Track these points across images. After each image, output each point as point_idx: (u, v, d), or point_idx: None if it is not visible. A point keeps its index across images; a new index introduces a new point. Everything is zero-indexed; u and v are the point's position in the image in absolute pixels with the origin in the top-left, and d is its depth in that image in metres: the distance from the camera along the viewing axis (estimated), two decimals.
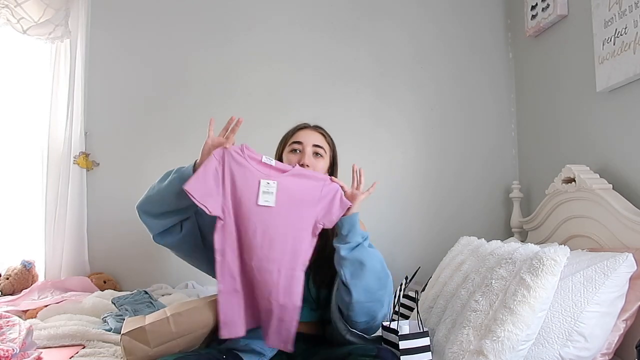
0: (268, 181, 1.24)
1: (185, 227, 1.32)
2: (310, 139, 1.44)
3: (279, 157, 1.45)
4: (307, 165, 1.38)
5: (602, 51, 1.83)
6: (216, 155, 1.25)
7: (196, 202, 1.19)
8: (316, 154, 1.43)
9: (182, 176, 1.23)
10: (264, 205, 1.22)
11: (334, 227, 1.29)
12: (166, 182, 1.26)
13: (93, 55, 2.43)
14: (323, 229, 1.27)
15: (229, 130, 1.28)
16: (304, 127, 1.49)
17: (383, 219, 2.48)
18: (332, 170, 1.50)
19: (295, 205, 1.25)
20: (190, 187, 1.19)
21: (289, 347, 1.22)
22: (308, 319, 1.33)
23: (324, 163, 1.45)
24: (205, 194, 1.20)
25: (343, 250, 1.24)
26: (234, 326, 1.21)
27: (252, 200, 1.23)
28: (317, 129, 1.49)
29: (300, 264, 1.23)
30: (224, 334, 1.20)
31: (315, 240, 1.25)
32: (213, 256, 1.24)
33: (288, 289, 1.21)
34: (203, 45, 2.51)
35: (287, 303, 1.20)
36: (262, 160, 1.28)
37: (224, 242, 1.21)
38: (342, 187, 1.31)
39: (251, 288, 1.23)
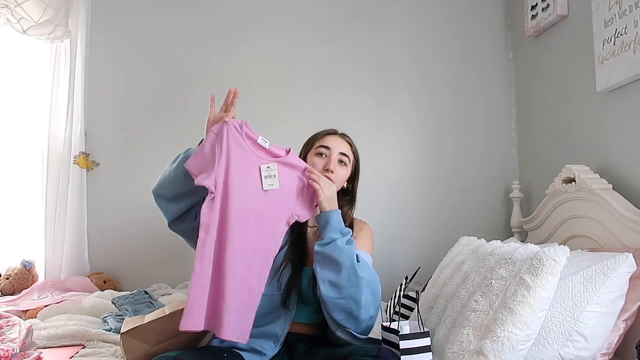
0: (268, 165, 1.25)
1: (199, 215, 1.32)
2: (337, 146, 1.46)
3: (304, 158, 1.47)
4: (332, 171, 1.41)
5: (602, 51, 1.83)
6: (214, 130, 1.26)
7: (194, 177, 1.21)
8: (341, 161, 1.45)
9: (188, 155, 1.27)
10: (269, 189, 1.25)
11: (347, 226, 1.34)
12: (175, 163, 1.30)
13: (93, 55, 2.43)
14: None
15: (228, 104, 1.30)
16: (332, 132, 1.51)
17: (383, 219, 2.48)
18: (354, 179, 1.52)
19: (282, 192, 1.26)
20: (189, 163, 1.22)
21: (246, 338, 1.18)
22: (310, 320, 1.33)
23: (347, 172, 1.47)
24: (201, 167, 1.22)
25: (316, 244, 1.25)
26: (197, 318, 1.13)
27: (251, 184, 1.24)
28: (345, 137, 1.51)
29: (273, 251, 1.24)
30: (185, 324, 1.11)
31: (286, 230, 1.27)
32: None
33: (260, 274, 1.21)
34: (203, 45, 2.51)
35: (254, 287, 1.19)
36: (258, 141, 1.28)
37: (210, 217, 1.19)
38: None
39: (219, 274, 1.17)
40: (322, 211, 1.28)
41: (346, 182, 1.49)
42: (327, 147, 1.44)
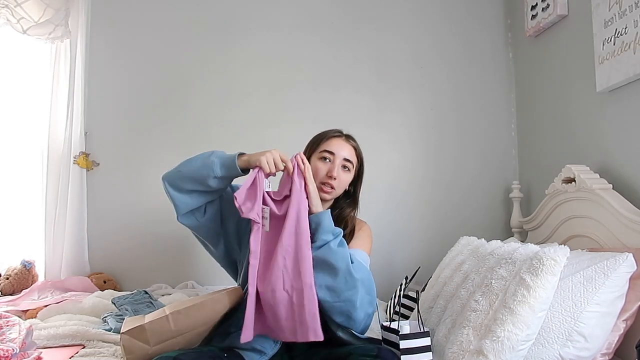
0: (264, 207, 1.27)
1: (208, 211, 1.34)
2: (342, 151, 1.46)
3: (308, 158, 1.46)
4: (335, 178, 1.41)
5: (602, 51, 1.83)
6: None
7: (238, 205, 1.23)
8: (344, 166, 1.46)
9: (224, 162, 1.28)
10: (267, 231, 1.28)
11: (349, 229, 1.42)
12: (201, 162, 1.30)
13: (93, 55, 2.43)
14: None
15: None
16: (338, 135, 1.50)
17: (383, 219, 2.48)
18: (356, 182, 1.52)
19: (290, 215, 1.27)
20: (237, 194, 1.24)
21: (319, 335, 1.18)
22: None
23: (350, 176, 1.48)
24: (247, 199, 1.25)
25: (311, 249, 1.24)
26: (250, 330, 1.21)
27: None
28: (350, 140, 1.51)
29: (305, 243, 1.23)
30: (244, 338, 1.19)
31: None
32: (229, 244, 1.38)
33: (297, 271, 1.22)
34: (203, 45, 2.51)
35: (299, 285, 1.20)
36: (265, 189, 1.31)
37: (256, 244, 1.24)
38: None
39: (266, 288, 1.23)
40: (311, 213, 1.27)
41: (348, 185, 1.49)
42: (331, 152, 1.44)
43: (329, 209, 1.29)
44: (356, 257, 1.31)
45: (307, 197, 1.29)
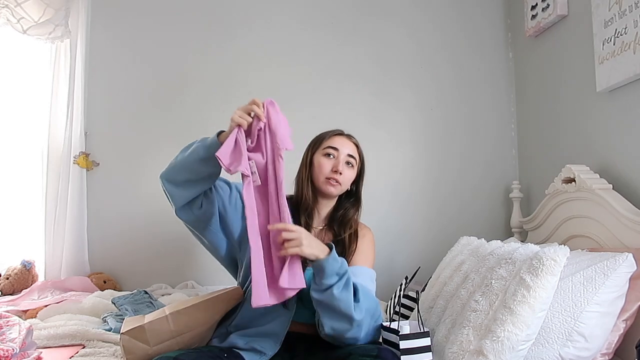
0: (250, 162, 1.26)
1: (205, 205, 1.34)
2: (345, 147, 1.47)
3: (310, 157, 1.47)
4: (340, 173, 1.42)
5: (602, 51, 1.83)
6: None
7: (220, 162, 1.21)
8: (348, 163, 1.46)
9: (205, 144, 1.28)
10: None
11: (346, 232, 1.43)
12: (189, 150, 1.30)
13: (93, 55, 2.43)
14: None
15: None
16: (339, 133, 1.52)
17: (383, 219, 2.48)
18: (358, 181, 1.52)
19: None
20: (219, 153, 1.23)
21: (302, 283, 1.20)
22: (310, 320, 1.33)
23: (353, 173, 1.48)
24: (233, 160, 1.24)
25: (312, 290, 1.22)
26: (264, 294, 1.16)
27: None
28: (352, 138, 1.52)
29: (278, 189, 1.26)
30: (256, 300, 1.14)
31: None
32: (229, 243, 1.38)
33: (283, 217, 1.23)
34: (203, 45, 2.51)
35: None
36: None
37: (250, 199, 1.23)
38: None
39: (268, 247, 1.23)
40: (314, 261, 1.21)
41: (350, 184, 1.49)
42: (335, 149, 1.45)
43: (333, 246, 1.23)
44: (360, 277, 1.30)
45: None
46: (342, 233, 1.45)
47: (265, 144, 1.28)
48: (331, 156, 1.45)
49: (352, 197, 1.52)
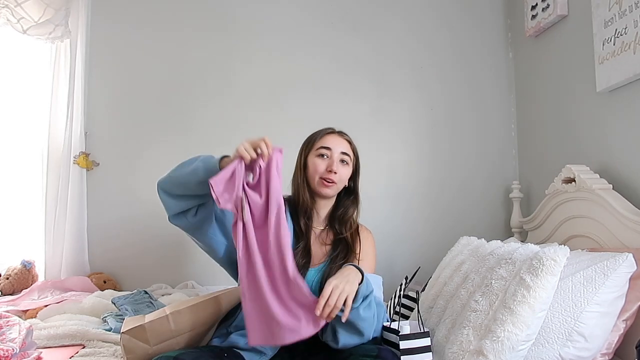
0: (244, 196, 1.22)
1: (200, 213, 1.33)
2: (338, 146, 1.46)
3: (304, 159, 1.47)
4: (335, 172, 1.41)
5: (602, 51, 1.83)
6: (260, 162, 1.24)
7: (213, 194, 1.19)
8: (342, 161, 1.46)
9: (208, 166, 1.24)
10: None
11: (347, 231, 1.42)
12: (190, 168, 1.27)
13: (93, 55, 2.43)
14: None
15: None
16: (331, 132, 1.50)
17: (383, 219, 2.48)
18: (355, 177, 1.52)
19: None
20: (213, 181, 1.20)
21: (318, 325, 1.16)
22: None
23: (349, 170, 1.48)
24: (225, 190, 1.20)
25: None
26: (261, 331, 1.16)
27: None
28: (344, 135, 1.51)
29: (285, 243, 1.20)
30: (251, 341, 1.17)
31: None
32: (227, 242, 1.36)
33: (282, 266, 1.19)
34: (203, 46, 2.51)
35: (285, 279, 1.17)
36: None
37: (240, 238, 1.20)
38: None
39: (259, 287, 1.19)
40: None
41: (348, 180, 1.50)
42: (328, 148, 1.45)
43: (364, 273, 1.22)
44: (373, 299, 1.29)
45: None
46: (343, 232, 1.45)
47: (262, 187, 1.24)
48: (325, 156, 1.44)
49: (350, 194, 1.52)
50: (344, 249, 1.40)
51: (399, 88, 2.59)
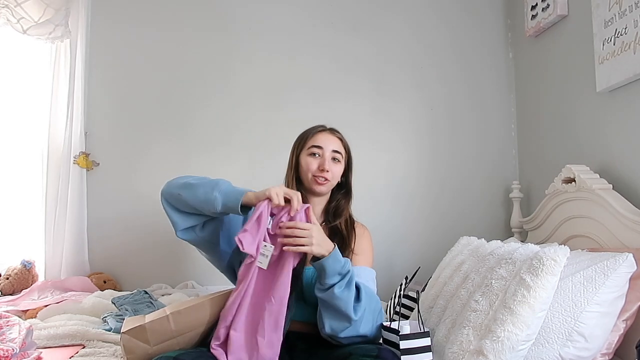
0: (265, 244, 1.22)
1: (208, 227, 1.34)
2: (329, 144, 1.46)
3: (296, 158, 1.47)
4: (327, 170, 1.42)
5: (602, 51, 1.83)
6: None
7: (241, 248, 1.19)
8: (334, 158, 1.46)
9: (227, 203, 1.23)
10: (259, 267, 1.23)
11: (342, 236, 1.41)
12: (205, 196, 1.25)
13: (93, 55, 2.43)
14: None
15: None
16: (322, 130, 1.51)
17: (383, 218, 2.48)
18: (347, 172, 1.52)
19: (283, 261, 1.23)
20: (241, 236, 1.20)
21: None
22: (310, 319, 1.33)
23: (341, 168, 1.48)
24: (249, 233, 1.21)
25: (315, 288, 1.24)
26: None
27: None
28: (335, 132, 1.52)
29: (284, 296, 1.21)
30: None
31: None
32: (232, 259, 1.38)
33: (275, 324, 1.20)
34: (203, 46, 2.51)
35: (271, 338, 1.19)
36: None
37: (245, 279, 1.21)
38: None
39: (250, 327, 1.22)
40: (317, 258, 1.22)
41: (340, 176, 1.50)
42: (319, 147, 1.45)
43: (335, 246, 1.25)
44: (362, 278, 1.30)
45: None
46: (337, 222, 1.46)
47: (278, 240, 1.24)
48: (316, 155, 1.44)
49: (343, 188, 1.53)
50: (338, 242, 1.39)
51: (399, 88, 2.59)
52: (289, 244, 1.20)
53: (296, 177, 1.46)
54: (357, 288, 1.24)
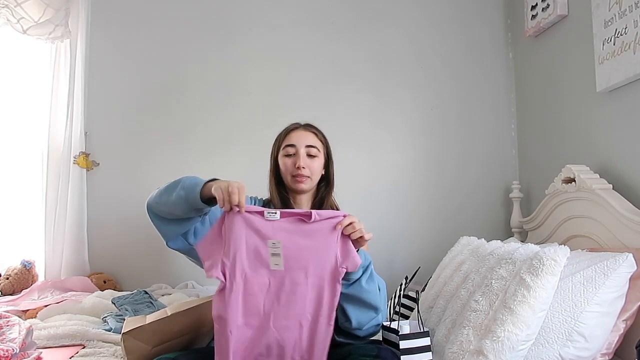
0: (273, 241, 1.11)
1: (199, 233, 1.31)
2: (302, 140, 1.44)
3: (275, 162, 1.46)
4: (303, 167, 1.40)
5: (602, 51, 1.83)
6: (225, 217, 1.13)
7: (202, 262, 1.13)
8: (309, 154, 1.44)
9: (188, 197, 1.16)
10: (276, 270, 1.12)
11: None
12: (173, 196, 1.19)
13: (93, 55, 2.43)
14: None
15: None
16: (294, 128, 1.49)
17: (383, 219, 2.48)
18: (328, 166, 1.50)
19: (307, 255, 1.13)
20: (199, 248, 1.13)
21: None
22: None
23: (319, 162, 1.46)
24: (210, 252, 1.12)
25: (343, 286, 1.18)
26: None
27: (265, 262, 1.12)
28: (309, 127, 1.50)
29: (325, 315, 1.12)
30: None
31: (339, 286, 1.14)
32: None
33: (311, 344, 1.11)
34: (203, 45, 2.51)
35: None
36: (265, 217, 1.12)
37: (224, 309, 1.08)
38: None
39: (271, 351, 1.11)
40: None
41: (323, 170, 1.48)
42: (292, 145, 1.44)
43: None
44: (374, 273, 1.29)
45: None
46: None
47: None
48: (291, 155, 1.43)
49: (323, 180, 1.51)
50: None
51: (399, 88, 2.58)
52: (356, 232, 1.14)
53: (278, 180, 1.46)
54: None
